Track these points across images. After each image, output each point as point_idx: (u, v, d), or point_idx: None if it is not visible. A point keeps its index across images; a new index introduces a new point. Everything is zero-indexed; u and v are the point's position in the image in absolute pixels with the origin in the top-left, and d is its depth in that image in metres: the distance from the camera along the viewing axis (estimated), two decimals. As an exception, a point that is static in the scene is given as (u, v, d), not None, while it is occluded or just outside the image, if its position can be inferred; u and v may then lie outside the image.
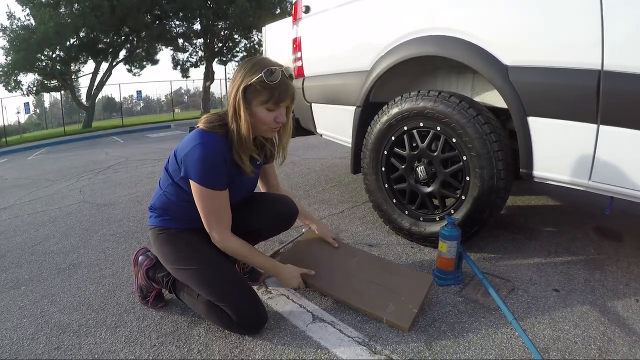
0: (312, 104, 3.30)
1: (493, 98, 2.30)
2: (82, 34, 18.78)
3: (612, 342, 1.53)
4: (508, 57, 1.91)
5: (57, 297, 2.15)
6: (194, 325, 1.79)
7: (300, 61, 3.31)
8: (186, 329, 1.77)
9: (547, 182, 1.98)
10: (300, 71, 3.33)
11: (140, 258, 1.99)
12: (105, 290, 2.17)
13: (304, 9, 3.16)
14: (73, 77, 21.20)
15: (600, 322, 1.65)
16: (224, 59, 23.71)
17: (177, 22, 21.72)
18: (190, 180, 1.64)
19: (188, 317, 1.85)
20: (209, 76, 23.33)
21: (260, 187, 2.13)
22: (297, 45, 3.32)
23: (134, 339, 1.72)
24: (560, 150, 1.84)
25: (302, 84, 3.30)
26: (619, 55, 1.57)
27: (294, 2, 3.32)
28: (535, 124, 1.87)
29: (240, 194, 1.87)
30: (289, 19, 3.97)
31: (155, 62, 23.12)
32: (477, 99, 2.39)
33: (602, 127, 1.65)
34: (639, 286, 1.91)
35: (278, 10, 21.01)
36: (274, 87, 1.58)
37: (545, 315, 1.71)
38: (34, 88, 19.82)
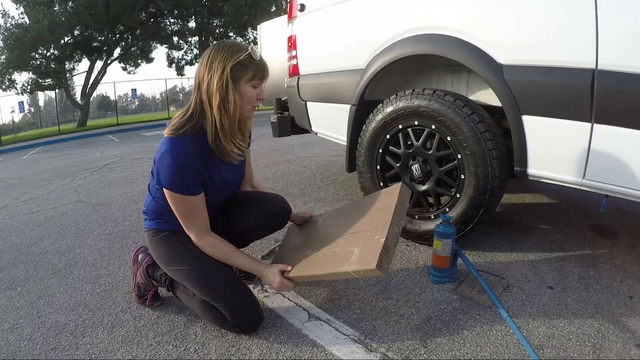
0: (307, 102, 3.29)
1: (488, 96, 2.31)
2: (76, 32, 18.67)
3: (606, 338, 1.55)
4: (502, 56, 1.92)
5: (53, 297, 2.15)
6: (191, 324, 1.80)
7: (295, 59, 3.31)
8: (183, 328, 1.77)
9: (542, 180, 1.99)
10: (295, 69, 3.32)
11: (140, 256, 2.00)
12: (101, 290, 2.17)
13: (299, 7, 3.15)
14: (67, 75, 21.10)
15: (595, 319, 1.66)
16: (219, 56, 23.63)
17: (172, 20, 21.65)
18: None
19: (184, 317, 1.85)
20: (204, 74, 23.24)
21: None
22: (292, 43, 3.31)
23: (131, 339, 1.73)
24: (554, 148, 1.85)
25: (297, 82, 3.30)
26: (613, 54, 1.58)
27: (289, 0, 3.32)
28: (530, 122, 1.88)
29: (226, 189, 1.85)
30: (284, 17, 3.97)
31: (150, 60, 23.04)
32: (471, 97, 2.41)
33: (596, 125, 1.66)
34: (633, 283, 1.92)
35: (273, 8, 20.95)
36: (259, 62, 1.62)
37: (539, 313, 1.72)
38: (29, 87, 19.75)
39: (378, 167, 2.50)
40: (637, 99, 1.53)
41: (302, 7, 3.13)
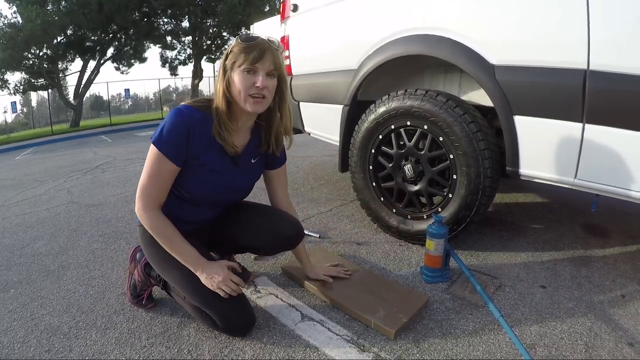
0: (300, 103, 3.30)
1: (480, 96, 2.32)
2: (69, 32, 18.52)
3: (599, 337, 1.56)
4: (494, 57, 1.93)
5: (46, 299, 2.14)
6: (184, 325, 1.79)
7: (287, 60, 3.31)
8: (176, 329, 1.77)
9: (534, 180, 2.00)
10: (288, 70, 3.32)
11: (138, 254, 1.98)
12: (94, 292, 2.16)
13: (292, 8, 3.16)
14: (60, 75, 20.92)
15: (587, 318, 1.68)
16: (213, 56, 23.55)
17: (166, 20, 21.51)
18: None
19: (178, 318, 1.85)
20: (197, 74, 23.19)
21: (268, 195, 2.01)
22: (285, 43, 3.31)
23: (124, 341, 1.72)
24: (546, 148, 1.86)
25: (290, 83, 3.30)
26: (604, 55, 1.59)
27: (282, 0, 3.32)
28: (522, 122, 1.89)
29: (224, 187, 1.76)
30: (278, 17, 3.97)
31: (143, 60, 22.91)
32: (464, 97, 2.41)
33: (587, 126, 1.68)
34: (625, 282, 1.94)
35: (267, 8, 20.88)
36: (249, 46, 1.49)
37: (532, 312, 1.74)
38: (21, 87, 19.57)
39: (370, 167, 2.50)
40: (628, 99, 1.55)
41: (295, 8, 3.13)
